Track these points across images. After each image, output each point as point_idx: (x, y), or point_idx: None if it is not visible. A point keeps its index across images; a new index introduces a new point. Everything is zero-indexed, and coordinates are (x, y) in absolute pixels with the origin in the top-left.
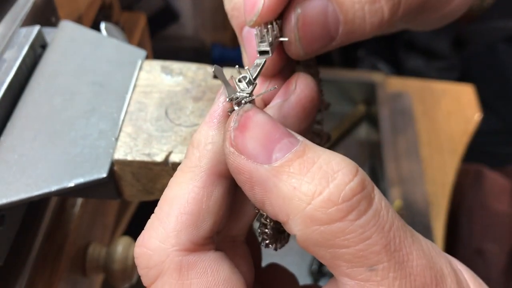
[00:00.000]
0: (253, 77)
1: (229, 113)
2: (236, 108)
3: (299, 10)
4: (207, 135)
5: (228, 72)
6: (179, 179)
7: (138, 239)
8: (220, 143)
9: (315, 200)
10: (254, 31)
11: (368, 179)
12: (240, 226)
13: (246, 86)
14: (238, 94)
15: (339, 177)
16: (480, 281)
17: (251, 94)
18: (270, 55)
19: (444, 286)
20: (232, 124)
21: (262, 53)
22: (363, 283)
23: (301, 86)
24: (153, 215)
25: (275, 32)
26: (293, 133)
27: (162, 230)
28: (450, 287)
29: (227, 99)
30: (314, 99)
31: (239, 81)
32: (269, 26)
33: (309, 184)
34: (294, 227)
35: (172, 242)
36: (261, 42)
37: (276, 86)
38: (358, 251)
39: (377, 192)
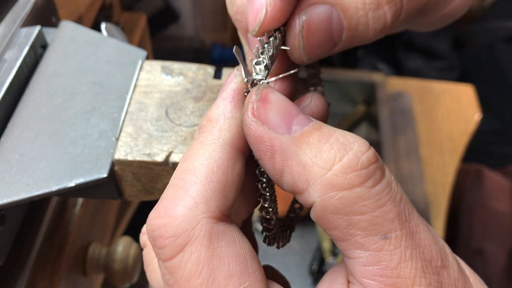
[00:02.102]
0: (269, 62)
1: (245, 93)
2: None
3: (304, 17)
4: (226, 110)
5: (227, 71)
6: (201, 151)
7: (156, 211)
8: (238, 118)
9: (335, 166)
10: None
11: (378, 155)
12: (238, 215)
13: (262, 69)
14: (254, 76)
15: (356, 147)
16: (472, 270)
17: (266, 77)
18: (267, 71)
19: (447, 263)
20: (254, 96)
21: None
22: (376, 253)
23: (316, 102)
24: (172, 187)
25: (277, 41)
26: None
27: (189, 198)
28: (453, 264)
29: (244, 80)
30: (325, 116)
31: (256, 64)
32: (271, 38)
33: (328, 152)
34: (314, 193)
35: (202, 208)
36: (256, 64)
37: (297, 69)
38: (374, 217)
39: (386, 167)
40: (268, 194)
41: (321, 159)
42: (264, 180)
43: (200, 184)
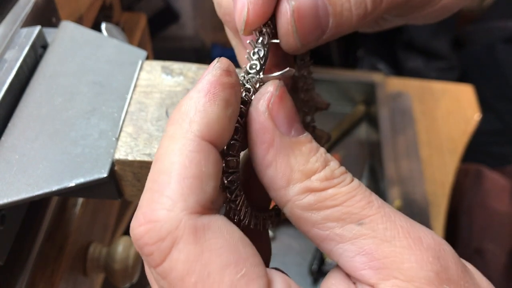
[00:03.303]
0: (263, 62)
1: (243, 89)
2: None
3: (293, 2)
4: (199, 103)
5: None
6: (171, 147)
7: (136, 219)
8: (210, 112)
9: (315, 176)
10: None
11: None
12: None
13: (257, 72)
14: (250, 75)
15: (331, 164)
16: (473, 266)
17: (260, 71)
18: (262, 71)
19: (441, 241)
20: (274, 91)
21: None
22: (356, 240)
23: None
24: (147, 191)
25: (267, 37)
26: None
27: (166, 199)
28: (447, 246)
29: (241, 75)
30: None
31: (251, 68)
32: (260, 38)
33: (313, 164)
34: (291, 192)
35: (181, 206)
36: (251, 65)
37: (289, 68)
38: (346, 207)
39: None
40: (233, 187)
41: (307, 167)
42: (231, 171)
43: (175, 183)
